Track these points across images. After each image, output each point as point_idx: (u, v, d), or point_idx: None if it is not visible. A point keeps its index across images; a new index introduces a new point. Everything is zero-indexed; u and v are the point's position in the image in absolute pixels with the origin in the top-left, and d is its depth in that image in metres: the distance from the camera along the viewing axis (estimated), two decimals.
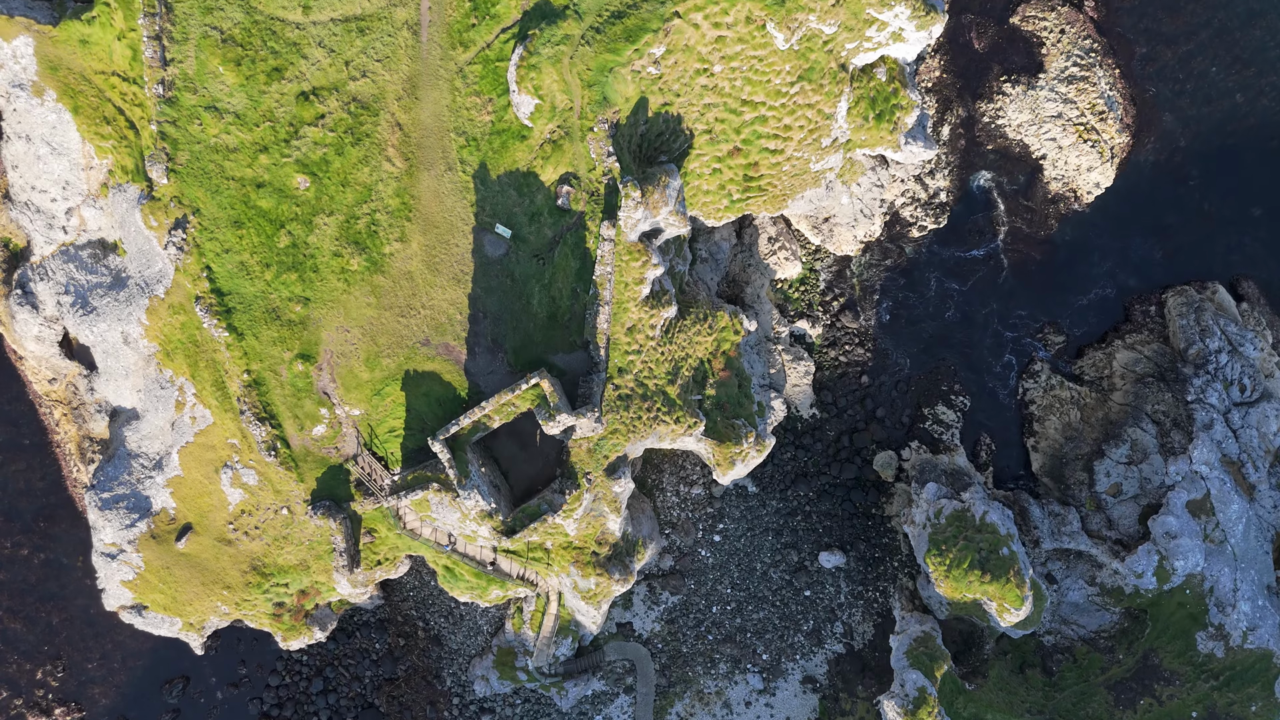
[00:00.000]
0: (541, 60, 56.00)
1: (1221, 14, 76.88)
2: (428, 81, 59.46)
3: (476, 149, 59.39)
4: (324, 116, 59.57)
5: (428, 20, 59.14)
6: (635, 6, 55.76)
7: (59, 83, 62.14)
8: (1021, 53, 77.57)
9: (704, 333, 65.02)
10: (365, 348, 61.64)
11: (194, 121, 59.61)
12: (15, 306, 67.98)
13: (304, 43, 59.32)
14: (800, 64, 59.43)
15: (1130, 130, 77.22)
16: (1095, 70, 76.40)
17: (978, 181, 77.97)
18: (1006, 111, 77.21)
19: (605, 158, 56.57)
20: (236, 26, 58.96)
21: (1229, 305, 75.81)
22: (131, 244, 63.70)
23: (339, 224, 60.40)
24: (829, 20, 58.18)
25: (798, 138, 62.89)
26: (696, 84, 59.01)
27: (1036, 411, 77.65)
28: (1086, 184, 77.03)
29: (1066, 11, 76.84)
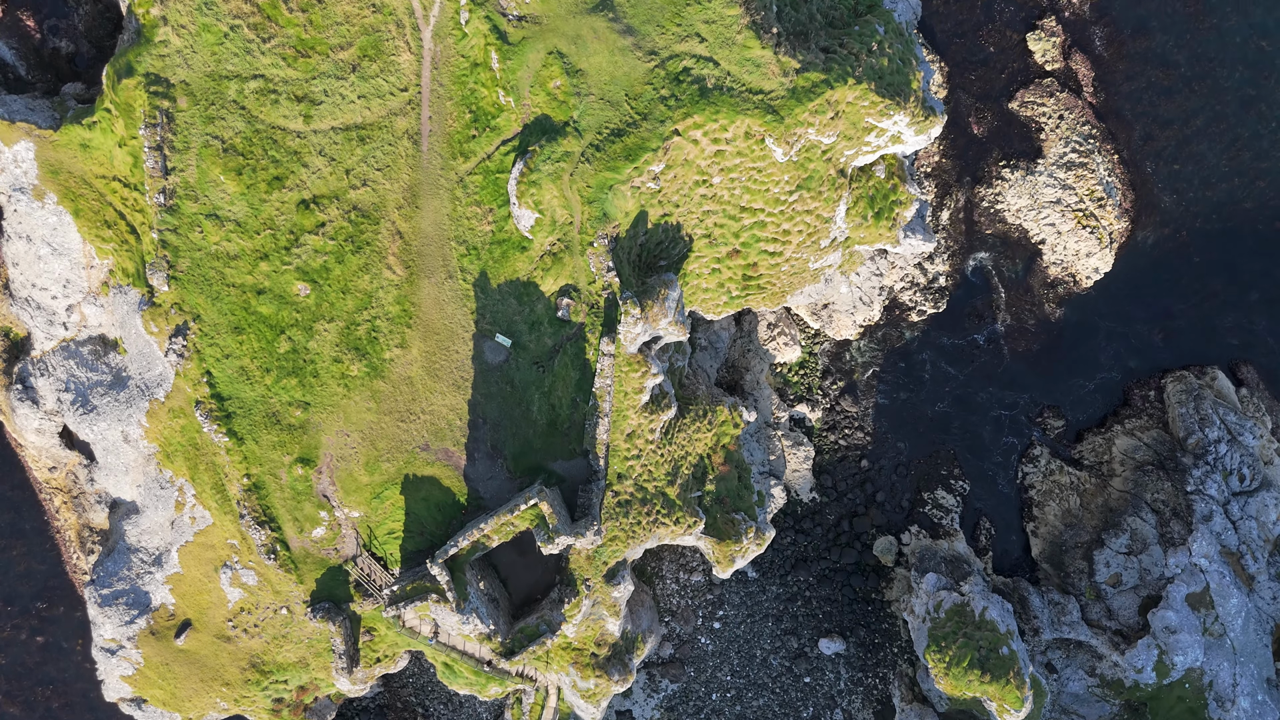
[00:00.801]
0: (542, 176, 56.17)
1: (1217, 99, 77.14)
2: (428, 190, 59.64)
3: (477, 258, 59.54)
4: (325, 224, 59.73)
5: (428, 130, 59.35)
6: (635, 125, 55.95)
7: (60, 186, 62.34)
8: (1020, 138, 77.81)
9: (704, 429, 65.09)
10: (365, 452, 61.70)
11: (195, 229, 59.79)
12: (16, 401, 68.06)
13: (305, 151, 59.52)
14: (799, 174, 59.61)
15: (1129, 215, 77.42)
16: (1094, 157, 76.62)
17: (977, 265, 78.12)
18: (1005, 196, 77.41)
19: (605, 272, 56.71)
20: (238, 135, 59.17)
21: (1228, 392, 75.89)
22: (132, 345, 63.80)
23: (339, 330, 60.51)
24: (828, 132, 58.38)
25: (796, 241, 63.06)
26: (695, 194, 59.21)
27: (1036, 496, 77.66)
28: (1085, 269, 77.19)
29: (1065, 97, 77.10)
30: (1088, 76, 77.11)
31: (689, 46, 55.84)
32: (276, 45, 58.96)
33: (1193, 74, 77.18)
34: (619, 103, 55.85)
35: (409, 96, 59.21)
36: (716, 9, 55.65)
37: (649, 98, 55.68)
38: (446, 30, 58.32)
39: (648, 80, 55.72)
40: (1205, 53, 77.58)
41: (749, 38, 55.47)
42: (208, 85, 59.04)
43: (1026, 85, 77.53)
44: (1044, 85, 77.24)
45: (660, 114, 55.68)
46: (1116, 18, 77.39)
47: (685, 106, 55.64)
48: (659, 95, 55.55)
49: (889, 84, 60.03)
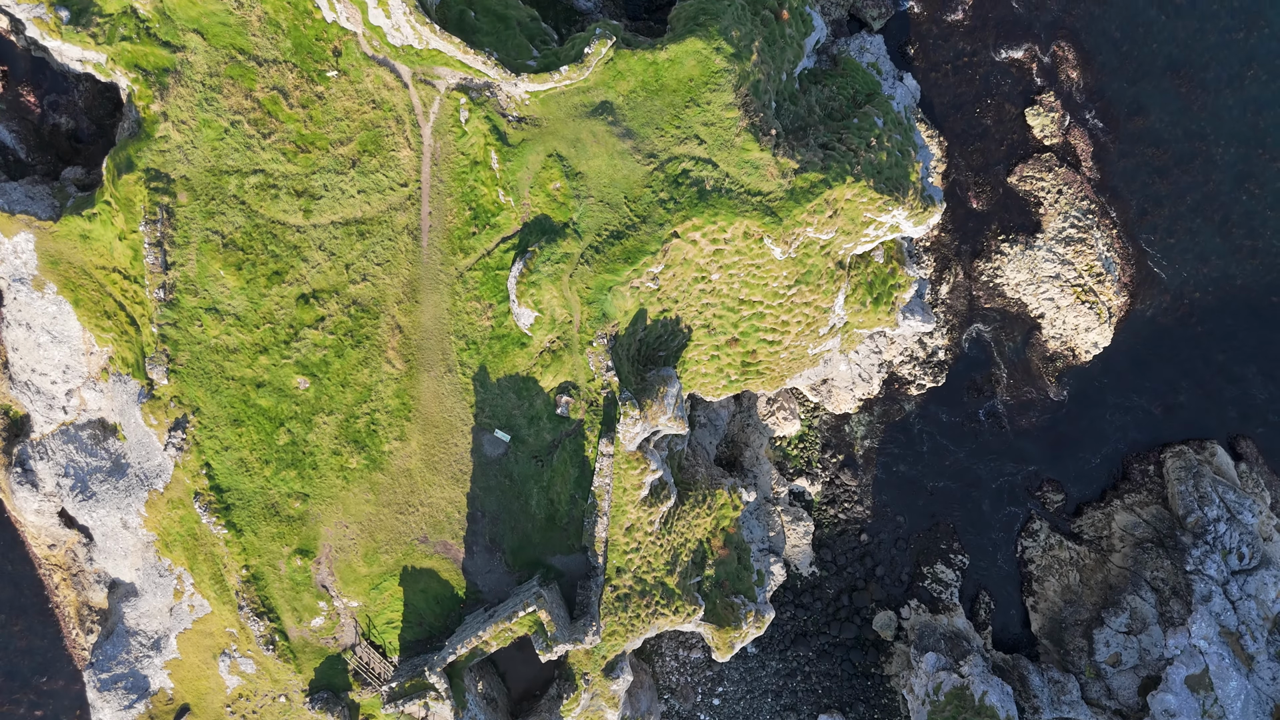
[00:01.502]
0: (541, 277, 56.25)
1: (1211, 177, 77.30)
2: (428, 285, 59.73)
3: (476, 352, 59.59)
4: (324, 319, 59.81)
5: (428, 225, 59.46)
6: (634, 227, 56.07)
7: (59, 276, 62.44)
8: (1019, 212, 77.93)
9: (703, 514, 65.10)
10: (364, 543, 61.69)
11: (195, 323, 59.86)
12: (15, 485, 68.03)
13: (305, 246, 59.64)
14: (798, 269, 59.69)
15: (1128, 290, 77.51)
16: (1092, 232, 76.72)
17: (976, 339, 78.16)
18: (1005, 271, 77.49)
19: (604, 371, 56.77)
20: (238, 231, 59.29)
21: (1227, 468, 75.88)
22: (131, 432, 63.81)
23: (338, 423, 60.54)
24: (826, 230, 58.49)
25: (795, 330, 63.12)
26: (694, 289, 59.29)
27: (1035, 571, 77.60)
28: (1084, 343, 77.23)
29: (1064, 172, 77.22)
30: (1086, 152, 77.26)
31: (688, 149, 55.97)
32: (277, 140, 59.12)
33: (1187, 151, 77.39)
34: (618, 205, 55.97)
35: (409, 192, 59.35)
36: (715, 111, 55.78)
37: (648, 200, 55.80)
38: (446, 127, 58.47)
39: (647, 183, 55.85)
40: (1200, 130, 77.79)
41: (748, 140, 55.60)
42: (208, 180, 59.20)
43: (1025, 160, 77.67)
44: (1043, 160, 77.38)
45: (659, 217, 55.79)
46: (1113, 95, 77.60)
47: (684, 209, 55.76)
48: (658, 198, 55.66)
49: (888, 178, 60.17)
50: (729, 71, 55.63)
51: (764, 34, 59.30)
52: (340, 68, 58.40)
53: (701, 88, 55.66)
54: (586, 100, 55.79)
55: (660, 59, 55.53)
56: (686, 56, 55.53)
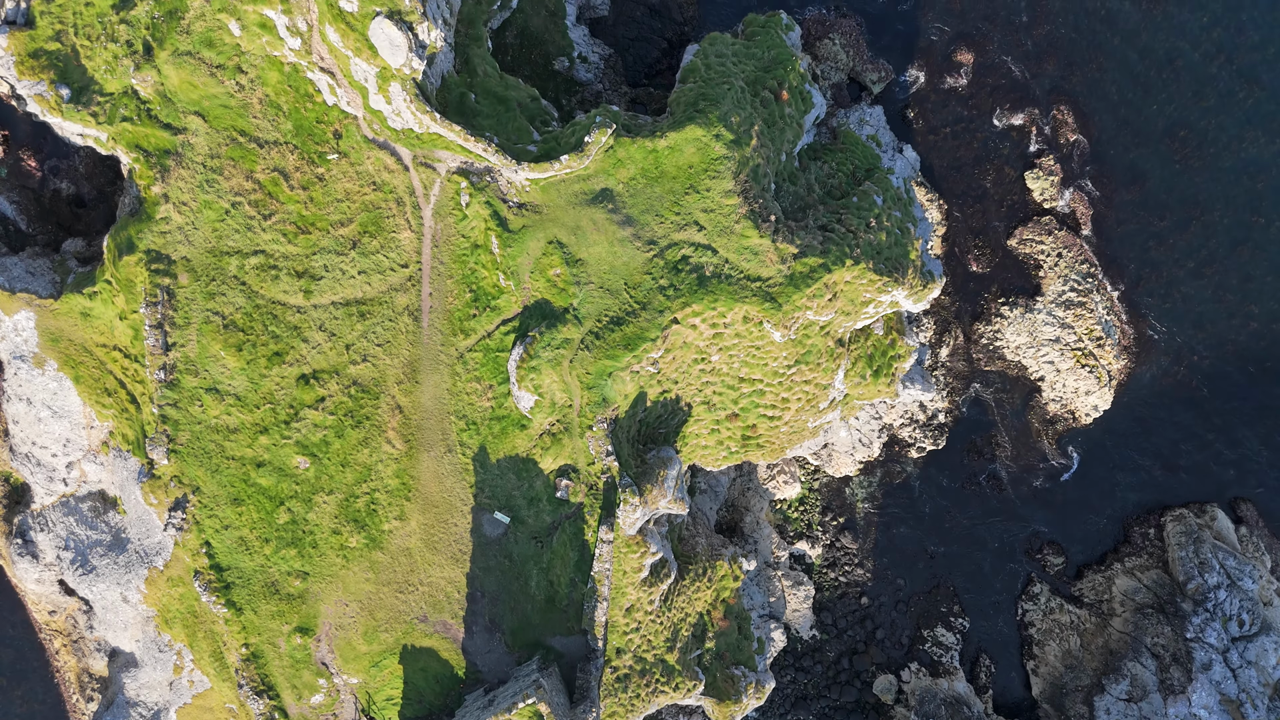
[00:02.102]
0: (541, 362, 56.30)
1: (1211, 241, 77.38)
2: (428, 366, 59.79)
3: (476, 433, 59.61)
4: (324, 399, 59.85)
5: (429, 306, 59.53)
6: (634, 314, 56.11)
7: (60, 354, 62.52)
8: (1019, 274, 78.02)
9: (703, 588, 65.05)
10: (364, 621, 61.64)
11: (195, 403, 59.91)
12: (16, 556, 68.02)
13: (305, 326, 59.71)
14: (797, 349, 59.73)
15: (1128, 353, 77.56)
16: (1092, 295, 76.78)
17: (976, 402, 78.18)
18: (1005, 333, 77.54)
19: (604, 455, 56.78)
20: (238, 311, 59.37)
21: (1227, 532, 75.84)
22: (132, 509, 63.84)
23: (338, 502, 60.55)
24: (826, 312, 58.54)
25: (796, 406, 63.15)
26: (694, 370, 59.34)
27: (1036, 635, 77.51)
28: (1085, 406, 77.24)
29: (1063, 235, 77.31)
30: (1085, 215, 77.36)
31: (687, 235, 56.06)
32: (278, 222, 59.24)
33: (1185, 215, 77.49)
34: (618, 291, 56.04)
35: (409, 273, 59.43)
36: (715, 198, 55.87)
37: (648, 287, 55.86)
38: (447, 209, 58.57)
39: (647, 270, 55.92)
40: (1198, 193, 77.92)
41: (747, 227, 55.68)
42: (208, 261, 59.30)
43: (1025, 223, 77.80)
44: (1042, 223, 77.49)
45: (659, 304, 55.85)
46: (1113, 158, 77.77)
47: (684, 296, 55.81)
48: (658, 285, 55.73)
49: (887, 258, 60.24)
50: (728, 158, 55.73)
51: (764, 115, 59.42)
52: (341, 150, 58.51)
53: (701, 175, 55.77)
54: (587, 188, 55.89)
55: (660, 146, 55.64)
56: (686, 144, 55.65)
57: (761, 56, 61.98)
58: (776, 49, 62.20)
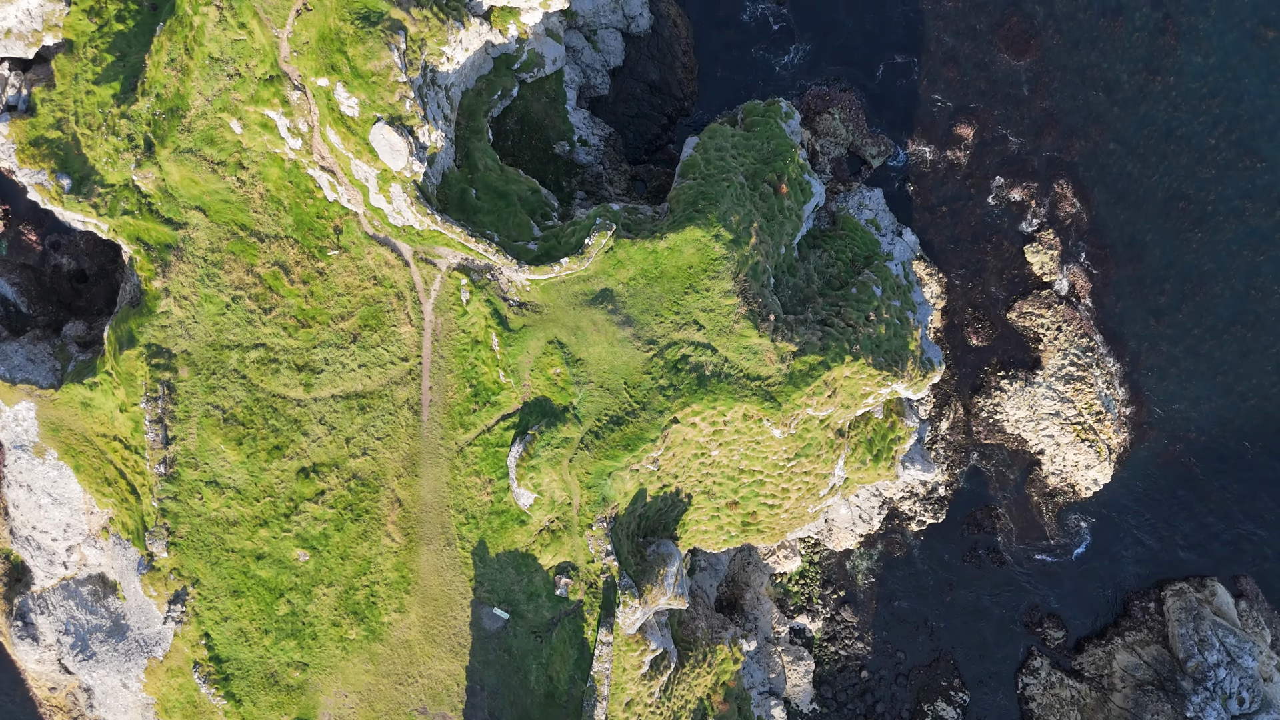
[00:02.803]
0: (541, 461, 56.34)
1: (1211, 315, 77.42)
2: (428, 459, 59.82)
3: (475, 526, 59.62)
4: (324, 493, 59.88)
5: (429, 400, 59.62)
6: (634, 414, 56.18)
7: (60, 443, 62.62)
8: (1019, 348, 78.08)
9: (704, 673, 65.00)
10: (363, 713, 61.57)
11: (195, 495, 59.96)
12: (16, 638, 68.02)
13: (305, 419, 59.78)
14: (797, 443, 59.77)
15: (1128, 428, 77.57)
16: (1092, 370, 76.84)
17: (976, 475, 78.19)
18: (1004, 407, 77.57)
19: (603, 555, 56.79)
20: (238, 405, 59.46)
21: (1227, 607, 75.75)
22: (131, 597, 63.86)
23: (338, 594, 60.54)
24: (826, 408, 58.60)
25: (796, 495, 63.17)
26: (694, 464, 59.40)
27: (1037, 710, 77.36)
28: (1085, 480, 77.23)
29: (1063, 309, 77.40)
30: (1085, 289, 77.45)
31: (687, 334, 56.16)
32: (278, 315, 59.36)
33: (1186, 289, 77.52)
34: (618, 391, 56.13)
35: (409, 366, 59.53)
36: (714, 298, 55.99)
37: (648, 387, 55.95)
38: (447, 305, 58.68)
39: (646, 369, 56.01)
40: (1197, 266, 77.96)
41: (746, 327, 55.78)
42: (209, 355, 59.42)
43: (1025, 296, 77.87)
44: (1042, 297, 77.58)
45: (659, 404, 55.92)
46: (1113, 231, 77.87)
47: (684, 396, 55.89)
48: (657, 384, 55.82)
49: (886, 351, 60.34)
50: (728, 259, 55.87)
51: (763, 210, 59.58)
52: (341, 245, 58.66)
53: (701, 275, 55.90)
54: (587, 288, 56.01)
55: (660, 247, 55.79)
56: (686, 245, 55.80)
57: (761, 148, 62.16)
58: (776, 139, 62.38)
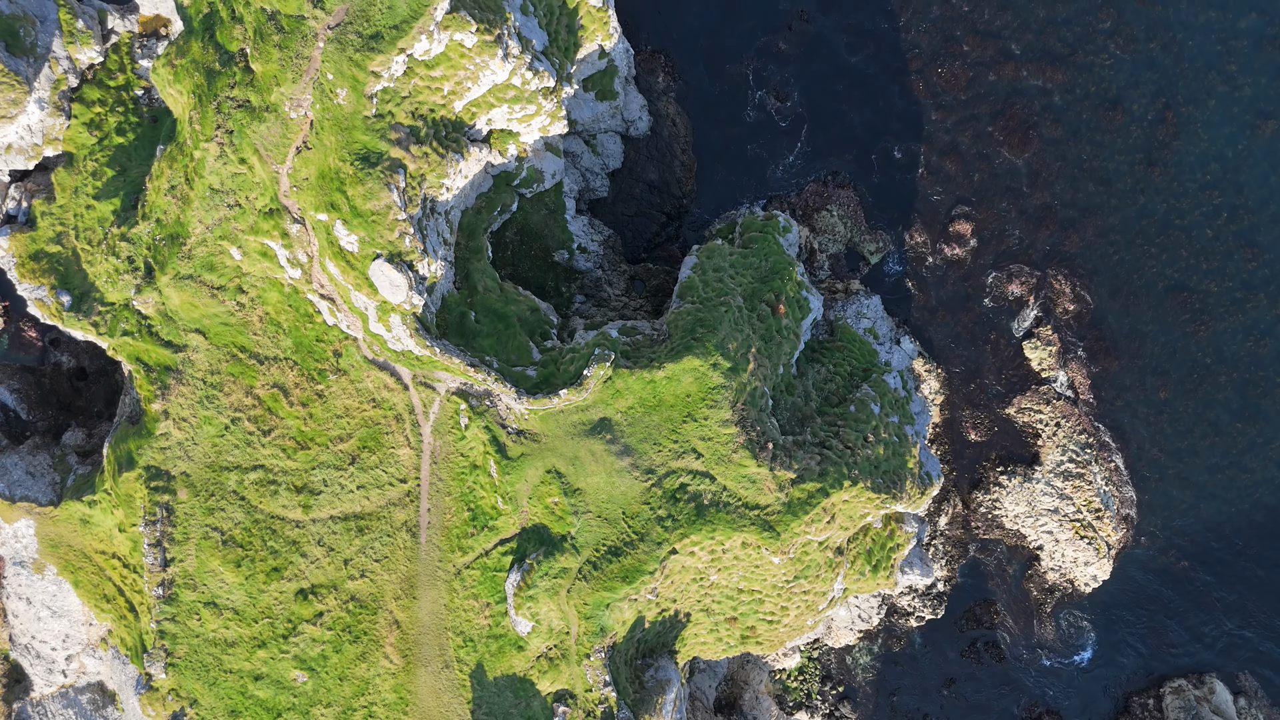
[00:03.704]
0: (539, 591, 56.35)
1: (1210, 412, 77.38)
2: (426, 581, 59.83)
3: (474, 650, 59.57)
4: (322, 614, 59.88)
5: (426, 522, 59.65)
6: (632, 545, 56.21)
7: (59, 559, 62.66)
8: (1018, 444, 78.08)
9: None
10: None
11: (193, 616, 59.96)
12: None
13: (303, 541, 59.82)
14: (796, 566, 59.77)
15: (1127, 524, 77.50)
16: (1091, 467, 76.82)
17: (974, 570, 78.13)
18: (1003, 503, 77.55)
19: (602, 685, 56.75)
20: (237, 526, 59.51)
21: (1226, 705, 75.58)
22: (130, 712, 63.87)
23: (336, 715, 60.46)
24: (824, 532, 58.60)
25: (795, 611, 63.12)
26: (693, 589, 59.41)
27: None
28: (1084, 576, 77.16)
29: (1062, 405, 77.41)
30: (1084, 385, 77.48)
31: (685, 463, 56.21)
32: (277, 437, 59.44)
33: (1186, 382, 77.48)
34: (616, 521, 56.18)
35: (408, 488, 59.58)
36: (713, 427, 56.04)
37: (646, 517, 55.99)
38: (446, 428, 58.76)
39: (645, 499, 56.05)
40: (1200, 359, 77.91)
41: (745, 456, 55.83)
42: (208, 476, 59.49)
43: (1024, 392, 77.89)
44: (1040, 392, 77.60)
45: (657, 535, 55.96)
46: (1112, 324, 77.87)
47: (682, 527, 55.92)
48: (656, 515, 55.86)
49: (885, 472, 60.37)
50: (726, 387, 55.95)
51: (761, 332, 59.67)
52: (341, 368, 58.78)
53: (699, 404, 55.97)
54: (585, 418, 56.10)
55: (658, 377, 55.88)
56: (684, 374, 55.89)
57: (759, 266, 62.31)
58: (774, 256, 62.53)
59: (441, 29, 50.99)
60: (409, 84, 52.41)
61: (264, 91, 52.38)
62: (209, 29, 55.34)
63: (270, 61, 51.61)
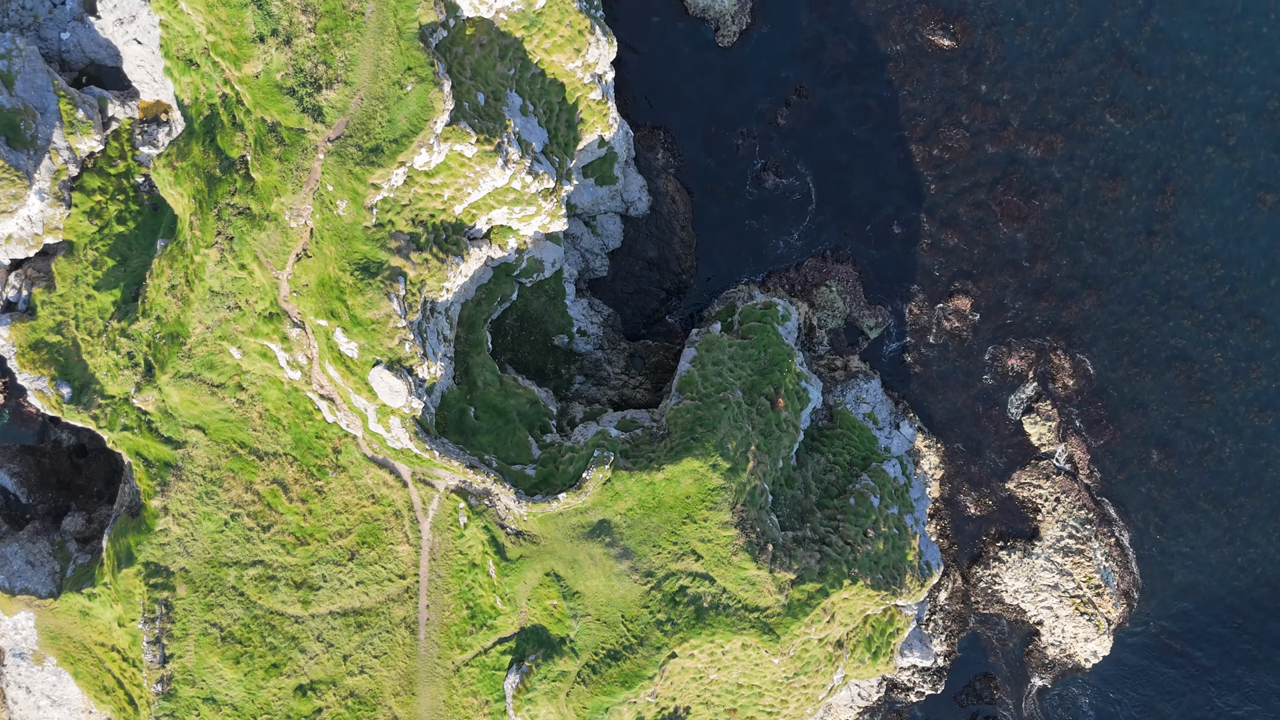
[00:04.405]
0: (538, 694, 56.34)
1: (1213, 485, 77.32)
2: (425, 678, 59.82)
3: None
4: (321, 710, 59.88)
5: (425, 619, 59.64)
6: (631, 649, 56.19)
7: (59, 650, 62.67)
8: (1018, 518, 78.04)
9: None
10: None
11: (192, 712, 59.96)
12: None
13: (303, 636, 59.82)
14: (796, 663, 59.73)
15: (1127, 599, 77.44)
16: (1090, 543, 76.78)
17: (974, 644, 78.07)
18: (1003, 578, 77.52)
19: None
20: (236, 623, 59.52)
21: None
22: None
23: None
24: (824, 631, 58.56)
25: (795, 703, 63.00)
26: (692, 687, 59.35)
27: None
28: (1084, 652, 77.10)
29: (1061, 480, 77.40)
30: (1083, 460, 77.43)
31: (685, 565, 56.23)
32: (276, 533, 59.49)
33: (1188, 455, 77.40)
34: (615, 624, 56.17)
35: (407, 584, 59.59)
36: (712, 529, 56.07)
37: (645, 620, 55.99)
38: (445, 525, 58.78)
39: (644, 603, 56.05)
40: (1204, 430, 77.79)
41: (744, 559, 55.84)
42: (207, 572, 59.53)
43: (1023, 466, 77.85)
44: (1040, 467, 77.59)
45: (656, 640, 55.94)
46: (1114, 396, 77.72)
47: (682, 631, 55.92)
48: (655, 619, 55.85)
49: (885, 567, 60.39)
50: (725, 489, 55.98)
51: (760, 427, 59.70)
52: (340, 464, 58.82)
53: (699, 505, 55.99)
54: (584, 520, 56.13)
55: (658, 479, 55.92)
56: (683, 475, 55.93)
57: (758, 358, 62.35)
58: (773, 348, 62.59)
59: (441, 141, 51.11)
60: (409, 192, 52.53)
61: (264, 200, 52.49)
62: (210, 132, 55.48)
63: (271, 173, 51.73)
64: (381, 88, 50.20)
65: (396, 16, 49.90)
